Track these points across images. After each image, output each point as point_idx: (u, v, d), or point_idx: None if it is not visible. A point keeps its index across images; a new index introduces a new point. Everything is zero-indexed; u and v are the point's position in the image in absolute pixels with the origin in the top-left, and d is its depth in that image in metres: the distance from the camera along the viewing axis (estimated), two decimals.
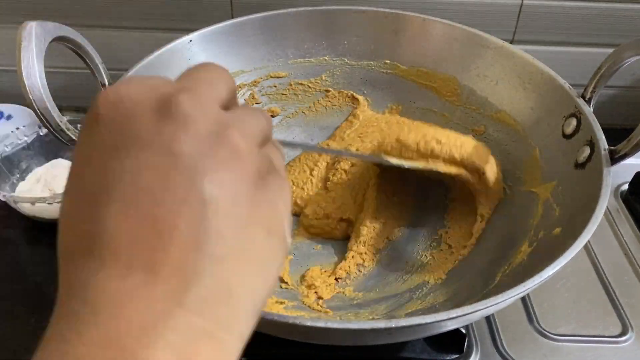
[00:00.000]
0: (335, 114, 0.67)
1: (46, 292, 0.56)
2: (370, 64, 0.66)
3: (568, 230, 0.43)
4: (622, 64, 0.47)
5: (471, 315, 0.35)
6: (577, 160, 0.48)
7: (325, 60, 0.66)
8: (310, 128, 0.67)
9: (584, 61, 0.75)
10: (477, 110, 0.61)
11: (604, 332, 0.52)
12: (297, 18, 0.63)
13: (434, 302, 0.49)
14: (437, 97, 0.64)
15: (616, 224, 0.64)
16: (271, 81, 0.65)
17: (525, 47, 0.72)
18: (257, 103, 0.65)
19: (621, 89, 0.79)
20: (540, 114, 0.54)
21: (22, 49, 0.42)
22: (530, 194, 0.52)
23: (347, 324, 0.35)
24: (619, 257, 0.60)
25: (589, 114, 0.49)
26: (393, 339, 0.42)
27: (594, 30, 0.73)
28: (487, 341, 0.51)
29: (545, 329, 0.52)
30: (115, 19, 0.73)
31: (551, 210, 0.48)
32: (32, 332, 0.52)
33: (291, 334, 0.40)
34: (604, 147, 0.46)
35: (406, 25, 0.63)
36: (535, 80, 0.55)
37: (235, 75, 0.62)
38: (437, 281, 0.52)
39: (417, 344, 0.49)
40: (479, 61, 0.60)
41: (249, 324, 0.21)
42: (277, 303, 0.49)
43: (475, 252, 0.53)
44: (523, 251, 0.48)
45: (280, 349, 0.48)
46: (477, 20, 0.71)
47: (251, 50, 0.63)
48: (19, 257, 0.60)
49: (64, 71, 0.76)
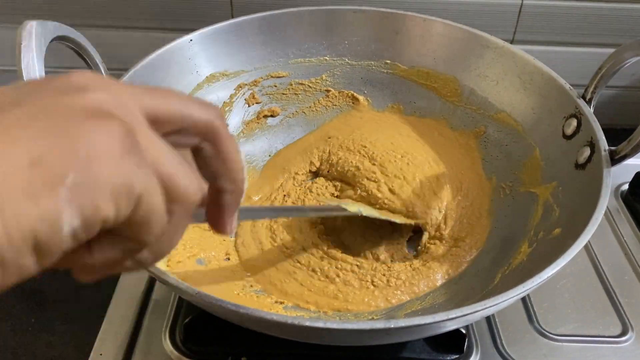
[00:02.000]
0: (336, 114, 0.67)
1: (46, 292, 0.56)
2: (370, 64, 0.66)
3: (568, 231, 0.43)
4: (623, 64, 0.47)
5: (471, 316, 0.35)
6: (577, 160, 0.48)
7: (326, 60, 0.66)
8: (311, 128, 0.67)
9: (584, 61, 0.75)
10: (478, 111, 0.61)
11: (604, 332, 0.52)
12: (298, 18, 0.63)
13: (433, 303, 0.49)
14: (437, 97, 0.64)
15: (616, 224, 0.64)
16: (271, 81, 0.65)
17: (525, 47, 0.72)
18: (257, 102, 0.65)
19: (622, 89, 0.79)
20: (540, 114, 0.54)
21: (22, 49, 0.42)
22: (530, 194, 0.52)
23: (346, 324, 0.35)
24: (619, 257, 0.60)
25: (589, 114, 0.49)
26: (392, 339, 0.42)
27: (594, 30, 0.73)
28: (487, 341, 0.51)
29: (545, 329, 0.52)
30: (115, 18, 0.73)
31: (551, 211, 0.48)
32: (32, 332, 0.52)
33: (291, 334, 0.40)
34: (604, 148, 0.46)
35: (407, 25, 0.63)
36: (536, 80, 0.55)
37: (236, 75, 0.62)
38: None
39: (417, 344, 0.49)
40: (479, 61, 0.60)
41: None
42: (276, 303, 0.50)
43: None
44: (523, 252, 0.48)
45: (280, 349, 0.48)
46: (477, 20, 0.71)
47: (251, 50, 0.63)
48: None
49: (64, 71, 0.76)
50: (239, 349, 0.49)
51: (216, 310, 0.38)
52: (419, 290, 0.51)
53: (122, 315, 0.52)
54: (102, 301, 0.54)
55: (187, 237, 0.51)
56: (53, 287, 0.56)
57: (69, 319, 0.53)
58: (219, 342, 0.49)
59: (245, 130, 0.64)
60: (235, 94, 0.63)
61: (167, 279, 0.36)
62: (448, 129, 0.63)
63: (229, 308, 0.34)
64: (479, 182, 0.59)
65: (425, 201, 0.55)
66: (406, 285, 0.51)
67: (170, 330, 0.51)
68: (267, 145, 0.65)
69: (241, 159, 0.26)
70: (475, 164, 0.60)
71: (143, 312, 0.53)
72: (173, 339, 0.50)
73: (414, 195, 0.55)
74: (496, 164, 0.58)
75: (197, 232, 0.52)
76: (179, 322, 0.51)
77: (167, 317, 0.52)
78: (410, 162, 0.58)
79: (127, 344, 0.50)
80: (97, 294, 0.55)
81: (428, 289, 0.51)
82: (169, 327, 0.51)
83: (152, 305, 0.53)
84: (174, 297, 0.54)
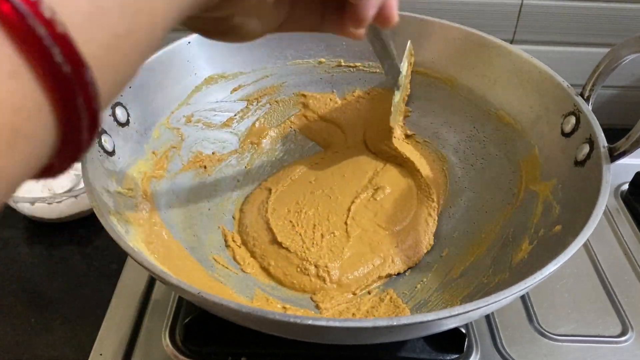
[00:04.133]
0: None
1: (46, 292, 0.56)
2: (369, 64, 0.66)
3: (568, 228, 0.43)
4: (621, 61, 0.47)
5: (472, 313, 0.35)
6: (576, 158, 0.48)
7: (323, 61, 0.66)
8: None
9: (583, 61, 0.75)
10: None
11: (604, 332, 0.52)
12: None
13: (434, 301, 0.49)
14: (436, 97, 0.64)
15: (616, 224, 0.64)
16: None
17: (525, 47, 0.72)
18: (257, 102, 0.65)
19: (621, 88, 0.79)
20: (539, 112, 0.54)
21: None
22: (530, 192, 0.52)
23: (348, 323, 0.34)
24: (619, 257, 0.60)
25: (587, 111, 0.49)
26: (394, 337, 0.41)
27: (594, 30, 0.73)
28: (487, 341, 0.51)
29: (545, 329, 0.52)
30: None
31: (551, 208, 0.48)
32: (32, 332, 0.52)
33: (293, 332, 0.40)
34: (603, 145, 0.46)
35: (405, 25, 0.63)
36: (534, 78, 0.55)
37: (234, 77, 0.62)
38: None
39: (417, 344, 0.49)
40: (477, 61, 0.60)
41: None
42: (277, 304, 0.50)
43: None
44: (524, 249, 0.47)
45: (280, 348, 0.48)
46: (477, 20, 0.71)
47: (250, 51, 0.63)
48: (19, 257, 0.60)
49: None
50: (239, 348, 0.49)
51: (218, 310, 0.38)
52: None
53: (122, 315, 0.52)
54: (102, 301, 0.54)
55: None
56: (53, 287, 0.56)
57: (69, 319, 0.53)
58: (219, 342, 0.49)
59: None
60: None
61: (167, 279, 0.36)
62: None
63: (231, 308, 0.34)
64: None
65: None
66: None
67: (170, 330, 0.51)
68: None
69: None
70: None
71: (143, 312, 0.53)
72: (173, 339, 0.50)
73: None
74: (495, 163, 0.58)
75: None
76: (179, 322, 0.51)
77: (167, 317, 0.52)
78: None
79: (127, 344, 0.50)
80: (97, 294, 0.55)
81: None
82: (169, 327, 0.51)
83: (152, 305, 0.53)
84: (174, 297, 0.54)
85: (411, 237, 0.55)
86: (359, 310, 0.49)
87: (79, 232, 0.63)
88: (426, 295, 0.50)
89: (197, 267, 0.50)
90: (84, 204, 0.62)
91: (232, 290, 0.50)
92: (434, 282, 0.52)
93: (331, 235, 0.54)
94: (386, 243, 0.54)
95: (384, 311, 0.49)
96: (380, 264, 0.53)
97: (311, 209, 0.57)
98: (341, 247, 0.54)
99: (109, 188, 0.46)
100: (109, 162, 0.48)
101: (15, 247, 0.61)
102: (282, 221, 0.56)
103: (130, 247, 0.39)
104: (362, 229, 0.55)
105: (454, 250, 0.54)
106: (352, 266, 0.52)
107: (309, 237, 0.54)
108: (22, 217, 0.64)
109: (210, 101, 0.61)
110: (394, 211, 0.57)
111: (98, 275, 0.58)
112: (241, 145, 0.64)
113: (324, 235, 0.54)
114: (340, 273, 0.52)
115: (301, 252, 0.53)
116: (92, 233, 0.63)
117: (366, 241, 0.54)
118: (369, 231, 0.55)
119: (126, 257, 0.58)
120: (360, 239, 0.55)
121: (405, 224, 0.56)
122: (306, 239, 0.54)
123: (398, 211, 0.57)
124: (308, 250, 0.53)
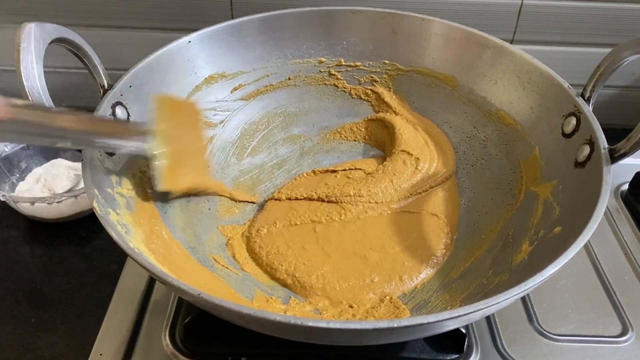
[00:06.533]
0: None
1: (46, 292, 0.56)
2: (369, 64, 0.66)
3: (569, 229, 0.43)
4: (621, 62, 0.47)
5: (472, 315, 0.35)
6: (577, 159, 0.48)
7: (324, 60, 0.66)
8: (311, 128, 0.67)
9: (583, 61, 0.75)
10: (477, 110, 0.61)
11: (604, 332, 0.52)
12: (297, 18, 0.63)
13: (435, 302, 0.49)
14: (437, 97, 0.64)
15: (616, 224, 0.64)
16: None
17: (525, 47, 0.72)
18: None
19: (621, 88, 0.79)
20: (539, 113, 0.54)
21: (21, 50, 0.42)
22: (531, 193, 0.52)
23: (349, 324, 0.34)
24: (619, 257, 0.60)
25: (588, 112, 0.49)
26: (394, 338, 0.41)
27: (594, 30, 0.73)
28: (487, 341, 0.51)
29: (545, 329, 0.52)
30: (114, 19, 0.73)
31: (551, 209, 0.48)
32: (32, 332, 0.52)
33: (294, 334, 0.40)
34: (603, 146, 0.45)
35: (405, 25, 0.63)
36: (535, 79, 0.55)
37: (234, 76, 0.62)
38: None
39: (417, 344, 0.49)
40: (478, 61, 0.60)
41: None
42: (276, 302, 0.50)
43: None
44: (524, 250, 0.47)
45: (280, 349, 0.48)
46: (477, 20, 0.71)
47: (250, 50, 0.63)
48: (19, 257, 0.60)
49: (63, 71, 0.76)
50: (239, 349, 0.49)
51: (218, 312, 0.38)
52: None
53: (122, 315, 0.52)
54: (102, 301, 0.54)
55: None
56: (53, 287, 0.56)
57: (69, 319, 0.53)
58: (219, 342, 0.49)
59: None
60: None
61: (167, 280, 0.36)
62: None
63: (232, 309, 0.34)
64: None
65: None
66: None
67: (170, 330, 0.51)
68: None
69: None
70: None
71: (143, 312, 0.53)
72: (173, 339, 0.50)
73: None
74: (496, 163, 0.58)
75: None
76: (179, 322, 0.51)
77: (167, 317, 0.52)
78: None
79: (127, 344, 0.50)
80: (97, 294, 0.55)
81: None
82: (169, 327, 0.51)
83: (152, 305, 0.53)
84: (173, 297, 0.54)
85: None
86: (359, 311, 0.49)
87: (79, 232, 0.63)
88: (426, 295, 0.50)
89: (197, 267, 0.50)
90: (84, 204, 0.62)
91: (233, 289, 0.50)
92: (434, 283, 0.52)
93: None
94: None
95: (384, 312, 0.49)
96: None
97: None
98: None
99: (109, 188, 0.46)
100: (109, 162, 0.48)
101: (15, 247, 0.61)
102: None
103: (130, 248, 0.39)
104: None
105: (454, 251, 0.54)
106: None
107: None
108: (22, 217, 0.64)
109: (211, 100, 0.61)
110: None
111: (98, 275, 0.58)
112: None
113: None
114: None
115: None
116: (92, 233, 0.63)
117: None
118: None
119: (126, 257, 0.58)
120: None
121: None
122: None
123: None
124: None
